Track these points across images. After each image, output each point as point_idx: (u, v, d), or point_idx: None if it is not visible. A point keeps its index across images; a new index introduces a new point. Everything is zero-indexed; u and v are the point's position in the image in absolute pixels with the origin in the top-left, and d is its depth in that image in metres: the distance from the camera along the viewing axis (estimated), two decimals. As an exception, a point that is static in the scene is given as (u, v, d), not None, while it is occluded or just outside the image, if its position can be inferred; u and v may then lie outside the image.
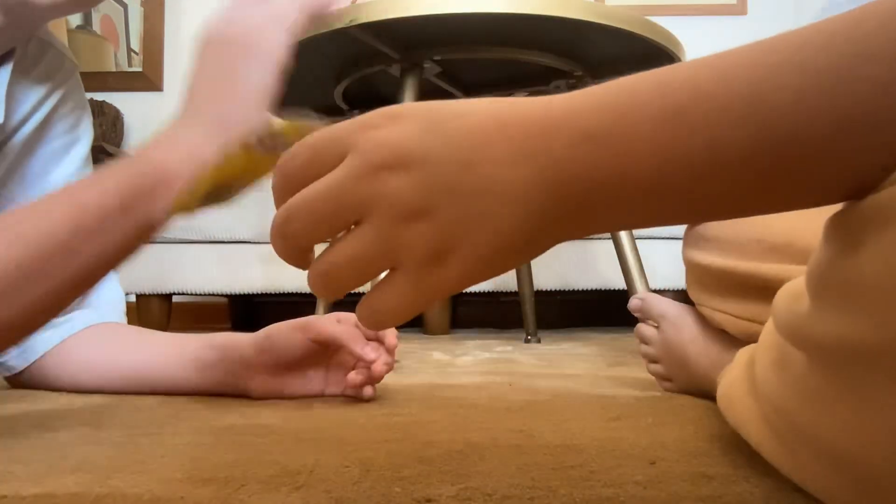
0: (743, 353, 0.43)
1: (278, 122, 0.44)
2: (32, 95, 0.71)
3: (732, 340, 0.63)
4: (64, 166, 0.75)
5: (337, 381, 0.70)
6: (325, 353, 0.69)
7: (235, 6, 0.52)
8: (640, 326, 0.76)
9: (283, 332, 0.68)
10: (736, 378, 0.40)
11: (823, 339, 0.23)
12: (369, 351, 0.64)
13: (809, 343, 0.24)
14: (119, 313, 0.81)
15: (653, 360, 0.75)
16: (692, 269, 0.63)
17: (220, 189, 0.48)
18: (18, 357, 0.75)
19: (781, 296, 0.28)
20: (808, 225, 0.49)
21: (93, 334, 0.75)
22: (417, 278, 0.26)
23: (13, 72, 0.65)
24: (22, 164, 0.72)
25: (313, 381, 0.70)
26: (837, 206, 0.23)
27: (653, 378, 0.78)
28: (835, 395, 0.23)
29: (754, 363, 0.38)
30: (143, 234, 0.49)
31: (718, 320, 0.59)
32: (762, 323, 0.50)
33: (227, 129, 0.49)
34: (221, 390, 0.70)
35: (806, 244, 0.48)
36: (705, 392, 0.67)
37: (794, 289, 0.26)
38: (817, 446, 0.26)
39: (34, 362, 0.75)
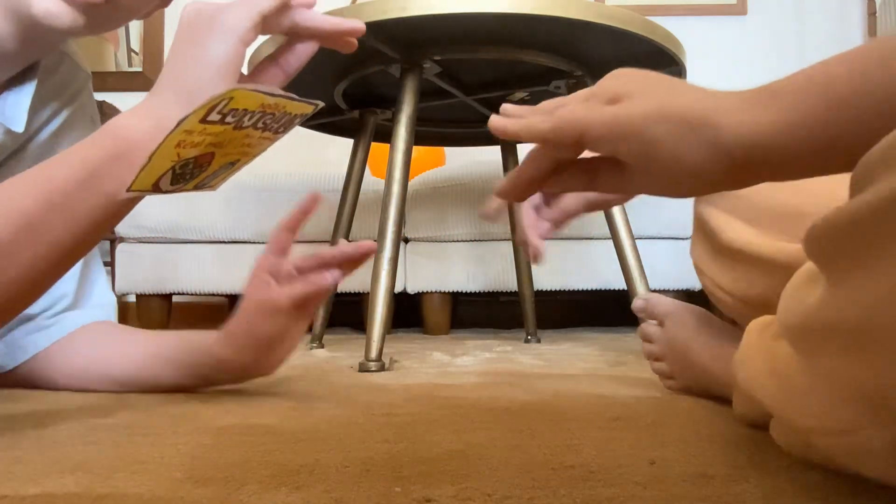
0: (754, 325, 0.44)
1: (230, 92, 0.44)
2: (48, 105, 0.72)
3: (735, 336, 0.63)
4: None
5: (312, 303, 0.69)
6: (296, 310, 0.67)
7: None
8: (644, 326, 0.76)
9: (250, 324, 0.67)
10: (747, 344, 0.41)
11: (853, 222, 0.24)
12: (331, 280, 0.65)
13: (840, 234, 0.26)
14: (110, 315, 0.81)
15: (657, 359, 0.75)
16: (706, 229, 0.61)
17: (185, 163, 0.47)
18: (6, 356, 0.75)
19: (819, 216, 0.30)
20: (837, 187, 0.48)
21: (82, 335, 0.76)
22: (593, 105, 0.36)
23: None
24: None
25: (296, 327, 0.69)
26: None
27: (653, 378, 0.78)
28: (849, 275, 0.25)
29: (768, 328, 0.39)
30: (113, 207, 0.49)
31: (717, 294, 0.59)
32: (761, 298, 0.50)
33: (189, 97, 0.48)
34: (210, 385, 0.72)
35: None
36: (707, 389, 0.68)
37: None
38: (838, 339, 0.26)
39: (24, 362, 0.75)
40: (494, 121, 0.41)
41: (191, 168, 0.49)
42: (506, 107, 0.42)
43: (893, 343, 0.23)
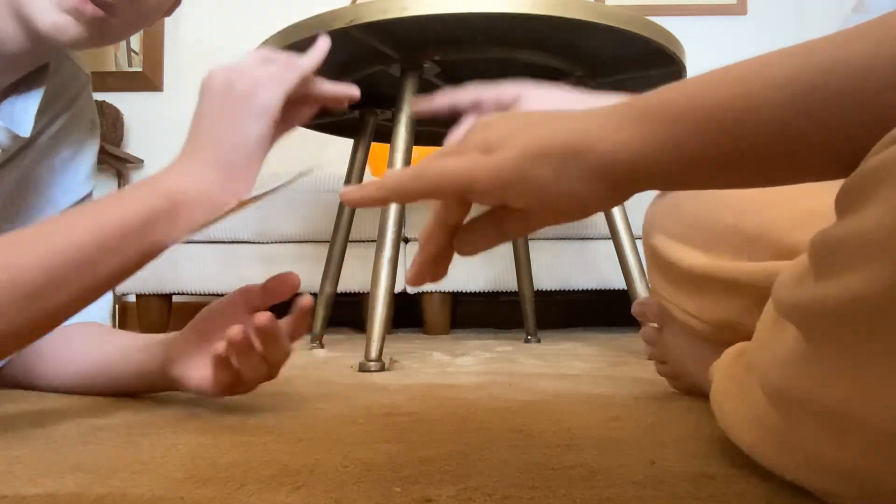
0: (728, 353, 0.43)
1: (272, 192, 0.55)
2: (50, 107, 0.73)
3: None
4: (69, 176, 0.76)
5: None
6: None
7: (242, 62, 0.58)
8: (645, 329, 0.76)
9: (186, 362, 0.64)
10: (724, 380, 0.40)
11: (825, 305, 0.24)
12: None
13: (811, 313, 0.25)
14: (104, 314, 0.81)
15: (660, 361, 0.75)
16: (656, 257, 0.61)
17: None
18: None
19: (783, 277, 0.28)
20: (781, 215, 0.48)
21: (66, 335, 0.74)
22: (471, 157, 0.34)
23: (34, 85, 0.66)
24: (33, 171, 0.73)
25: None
26: (814, 203, 0.25)
27: (653, 378, 0.78)
28: (837, 361, 0.24)
29: (741, 358, 0.38)
30: (153, 253, 0.54)
31: (680, 318, 0.59)
32: (729, 323, 0.50)
33: (229, 172, 0.55)
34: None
35: (777, 236, 0.47)
36: (705, 393, 0.68)
37: (796, 269, 0.27)
38: (819, 416, 0.26)
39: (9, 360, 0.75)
40: (347, 193, 0.38)
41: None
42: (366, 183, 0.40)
43: (876, 432, 0.23)
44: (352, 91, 0.63)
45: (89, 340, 0.75)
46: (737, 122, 0.28)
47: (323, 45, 0.63)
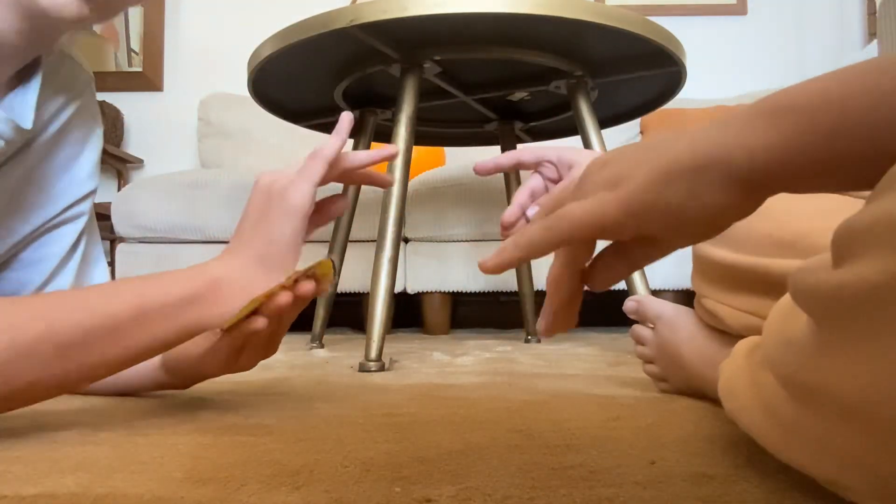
0: (741, 346, 0.43)
1: (315, 265, 0.58)
2: (51, 105, 0.73)
3: (726, 340, 0.63)
4: (72, 174, 0.76)
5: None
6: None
7: (278, 169, 0.64)
8: (636, 328, 0.76)
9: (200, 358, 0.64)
10: (736, 370, 0.40)
11: (839, 290, 0.24)
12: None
13: (824, 298, 0.25)
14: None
15: (648, 361, 0.75)
16: (699, 261, 0.63)
17: (254, 311, 0.58)
18: None
19: (800, 266, 0.28)
20: (814, 225, 0.49)
21: None
22: (597, 198, 0.34)
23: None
24: (37, 169, 0.73)
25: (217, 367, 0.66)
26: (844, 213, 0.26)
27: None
28: (851, 350, 0.24)
29: (755, 351, 0.38)
30: (189, 333, 0.56)
31: (719, 312, 0.59)
32: (761, 317, 0.50)
33: (267, 266, 0.60)
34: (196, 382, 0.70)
35: (813, 242, 0.48)
36: (699, 391, 0.68)
37: (815, 260, 0.27)
38: (831, 403, 0.26)
39: None
40: (485, 262, 0.38)
41: (249, 314, 0.57)
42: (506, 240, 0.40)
43: (888, 423, 0.23)
44: (391, 152, 0.69)
45: None
46: (871, 110, 0.28)
47: (346, 121, 0.66)
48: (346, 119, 0.66)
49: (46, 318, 0.50)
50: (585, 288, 0.39)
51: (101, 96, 2.70)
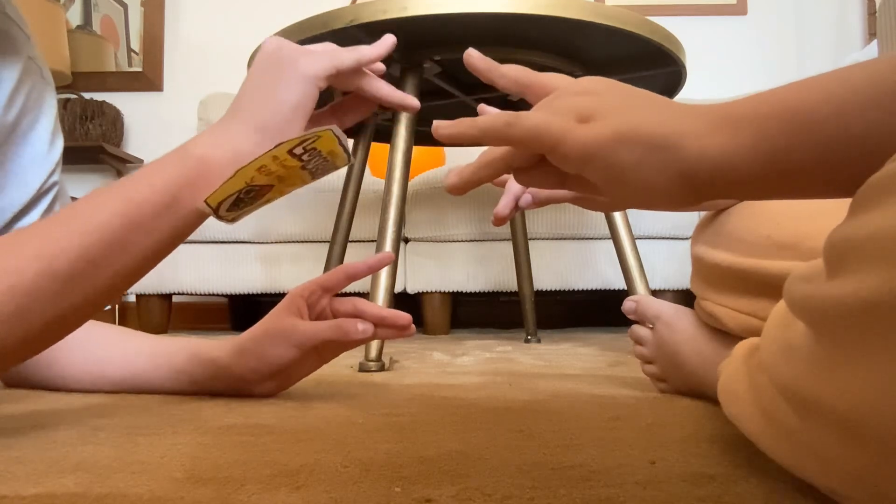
0: (740, 348, 0.43)
1: (311, 134, 0.48)
2: None
3: (725, 340, 0.63)
4: (32, 144, 0.70)
5: (332, 350, 0.69)
6: (315, 350, 0.68)
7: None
8: (634, 328, 0.76)
9: (264, 345, 0.67)
10: (735, 372, 0.40)
11: (835, 304, 0.24)
12: (361, 333, 0.64)
13: (820, 311, 0.25)
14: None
15: (647, 361, 0.75)
16: (699, 264, 0.63)
17: (250, 189, 0.51)
18: None
19: (795, 274, 0.28)
20: (815, 227, 0.49)
21: (80, 334, 0.73)
22: (565, 121, 0.35)
23: None
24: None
25: (308, 364, 0.69)
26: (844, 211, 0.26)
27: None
28: (847, 363, 0.24)
29: (754, 354, 0.38)
30: (188, 226, 0.52)
31: (719, 314, 0.59)
32: (761, 318, 0.50)
33: (264, 133, 0.53)
34: (218, 393, 0.71)
35: (812, 245, 0.48)
36: (698, 391, 0.68)
37: (808, 266, 0.27)
38: (829, 417, 0.26)
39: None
40: (441, 127, 0.38)
41: (251, 196, 0.52)
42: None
43: (886, 436, 0.22)
44: (410, 102, 0.62)
45: (111, 342, 0.75)
46: (827, 121, 0.29)
47: (388, 40, 0.60)
48: (390, 39, 0.61)
49: (41, 254, 0.46)
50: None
51: (101, 96, 2.71)
